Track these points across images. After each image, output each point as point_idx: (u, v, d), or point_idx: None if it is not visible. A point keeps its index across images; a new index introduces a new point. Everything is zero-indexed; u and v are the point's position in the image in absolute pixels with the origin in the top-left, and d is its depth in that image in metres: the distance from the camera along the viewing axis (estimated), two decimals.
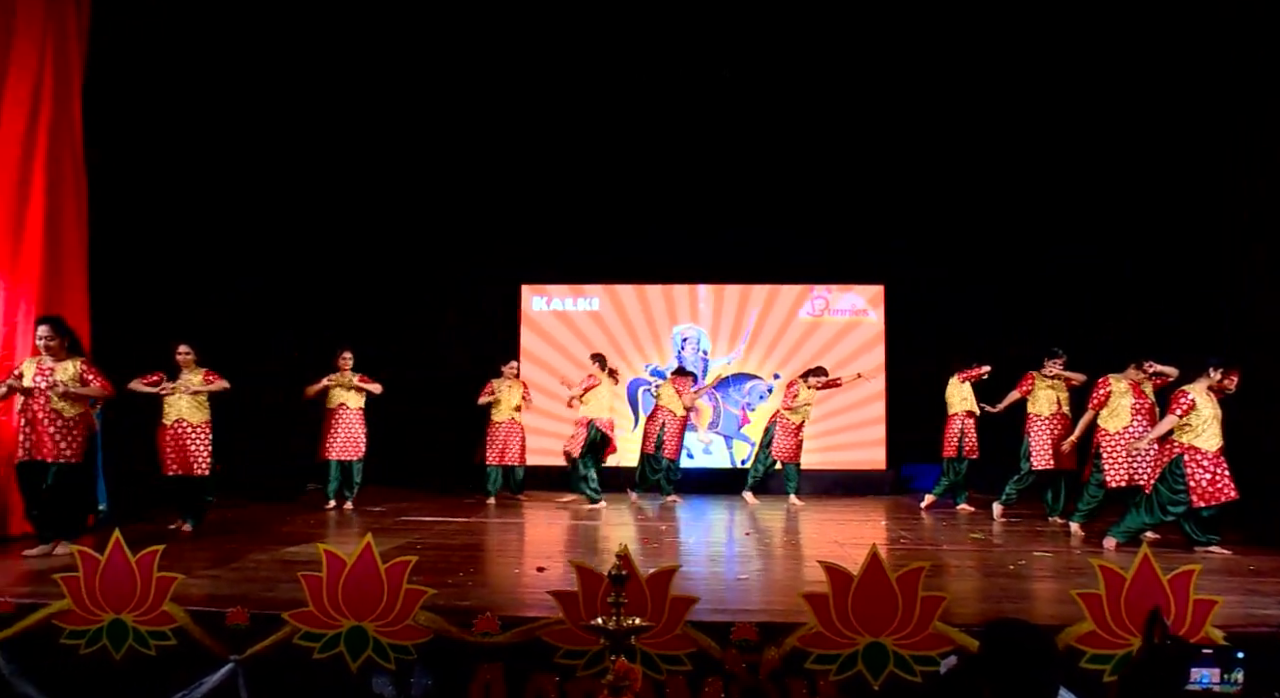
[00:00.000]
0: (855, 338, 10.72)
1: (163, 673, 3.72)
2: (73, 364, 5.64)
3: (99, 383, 5.68)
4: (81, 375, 5.62)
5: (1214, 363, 5.97)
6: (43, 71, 6.48)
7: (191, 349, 6.71)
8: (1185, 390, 5.92)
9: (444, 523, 7.29)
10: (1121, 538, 6.07)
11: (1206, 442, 5.81)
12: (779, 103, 9.43)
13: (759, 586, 4.91)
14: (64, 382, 5.52)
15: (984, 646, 2.23)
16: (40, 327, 5.64)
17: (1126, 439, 6.66)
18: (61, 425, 5.54)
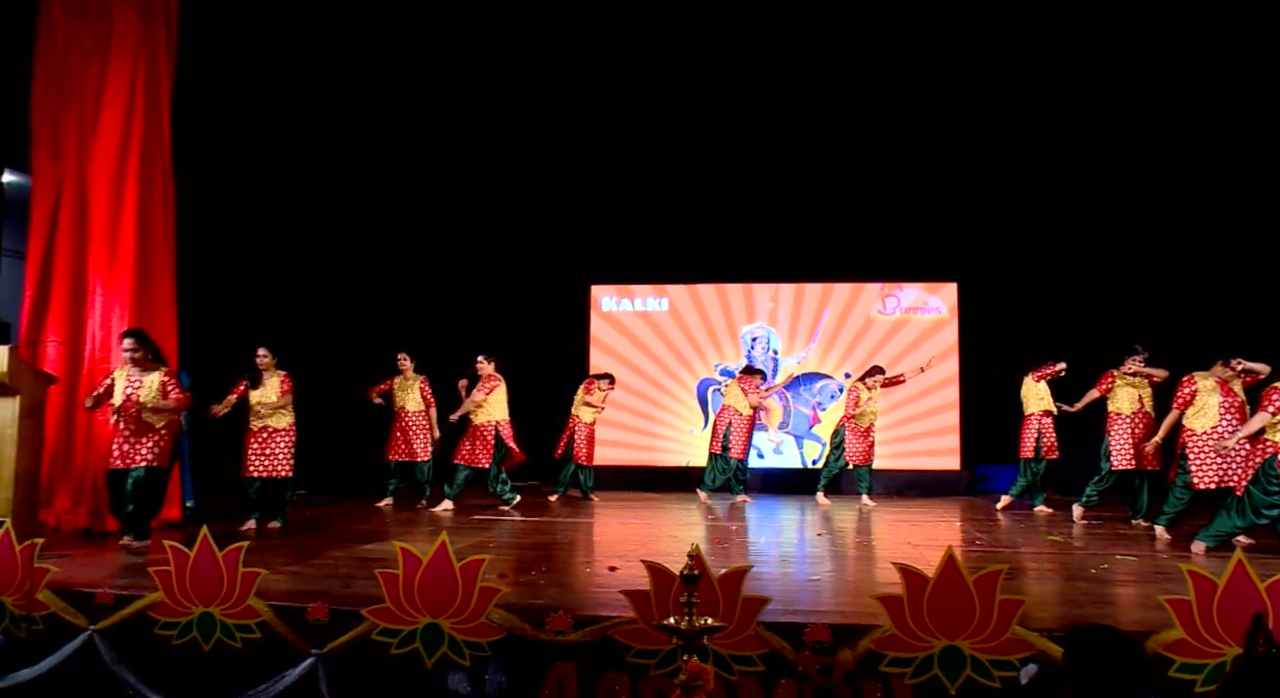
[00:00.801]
0: (927, 336, 10.53)
1: (248, 665, 3.84)
2: (156, 376, 5.85)
3: (175, 396, 5.88)
4: (162, 387, 5.83)
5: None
6: (135, 88, 6.78)
7: (269, 353, 6.91)
8: (1278, 387, 5.67)
9: (515, 522, 7.38)
10: (1211, 542, 5.84)
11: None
12: (852, 98, 9.31)
13: (831, 587, 4.86)
14: (147, 402, 5.76)
15: (1069, 652, 2.17)
16: (125, 339, 5.87)
17: (1215, 439, 6.38)
18: (151, 433, 5.78)
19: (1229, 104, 8.33)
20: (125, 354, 5.82)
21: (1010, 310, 10.03)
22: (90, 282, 6.71)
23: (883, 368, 9.21)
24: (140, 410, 5.78)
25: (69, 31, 6.84)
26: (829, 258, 10.56)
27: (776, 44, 8.70)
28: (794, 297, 10.91)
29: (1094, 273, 9.74)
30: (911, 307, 10.72)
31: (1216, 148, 8.65)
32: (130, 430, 5.79)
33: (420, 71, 8.95)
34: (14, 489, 5.79)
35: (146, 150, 6.79)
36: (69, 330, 6.63)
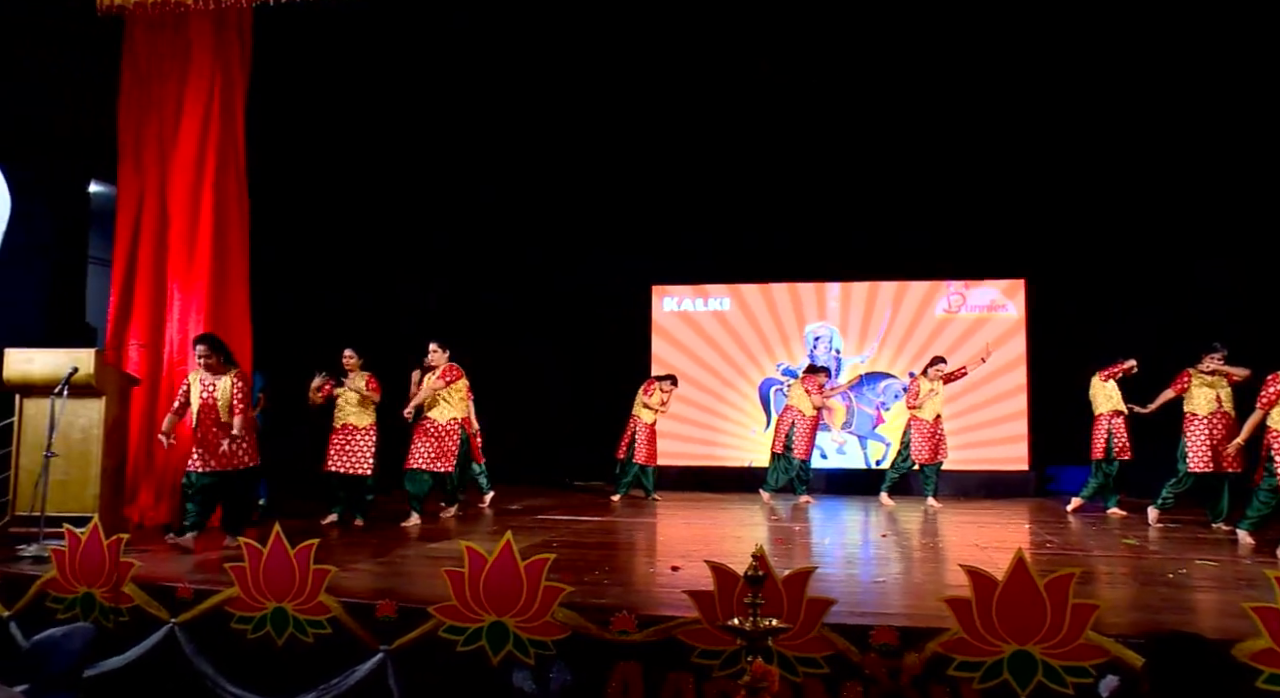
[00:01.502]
0: (993, 333, 10.32)
1: (319, 660, 3.94)
2: (228, 379, 5.94)
3: (240, 407, 5.91)
4: (233, 393, 5.91)
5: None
6: (211, 100, 7.01)
7: (355, 354, 7.08)
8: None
9: (578, 522, 7.43)
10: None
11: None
12: (915, 96, 9.16)
13: (897, 589, 4.80)
14: (220, 408, 5.87)
15: (1152, 661, 2.11)
16: (198, 345, 5.99)
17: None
18: (228, 435, 5.90)
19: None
20: (199, 360, 5.95)
21: (1079, 307, 9.76)
22: (169, 287, 6.95)
23: (944, 358, 9.05)
24: (216, 414, 5.91)
25: (150, 48, 7.11)
26: (893, 256, 10.41)
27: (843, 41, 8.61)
28: (857, 295, 10.79)
29: (1164, 270, 9.42)
30: (977, 304, 10.52)
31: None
32: (208, 434, 5.89)
33: (483, 78, 9.07)
34: (101, 487, 6.04)
35: (222, 159, 7.01)
36: (150, 334, 6.88)
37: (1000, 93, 8.95)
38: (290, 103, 8.39)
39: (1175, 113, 8.67)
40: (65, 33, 7.52)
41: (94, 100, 7.45)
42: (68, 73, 7.79)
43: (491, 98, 9.41)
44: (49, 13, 7.34)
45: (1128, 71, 8.43)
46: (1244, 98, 8.33)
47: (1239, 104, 8.39)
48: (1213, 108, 8.51)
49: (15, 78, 7.63)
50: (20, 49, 7.56)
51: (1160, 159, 9.07)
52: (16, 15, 7.35)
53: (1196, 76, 8.27)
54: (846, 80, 9.09)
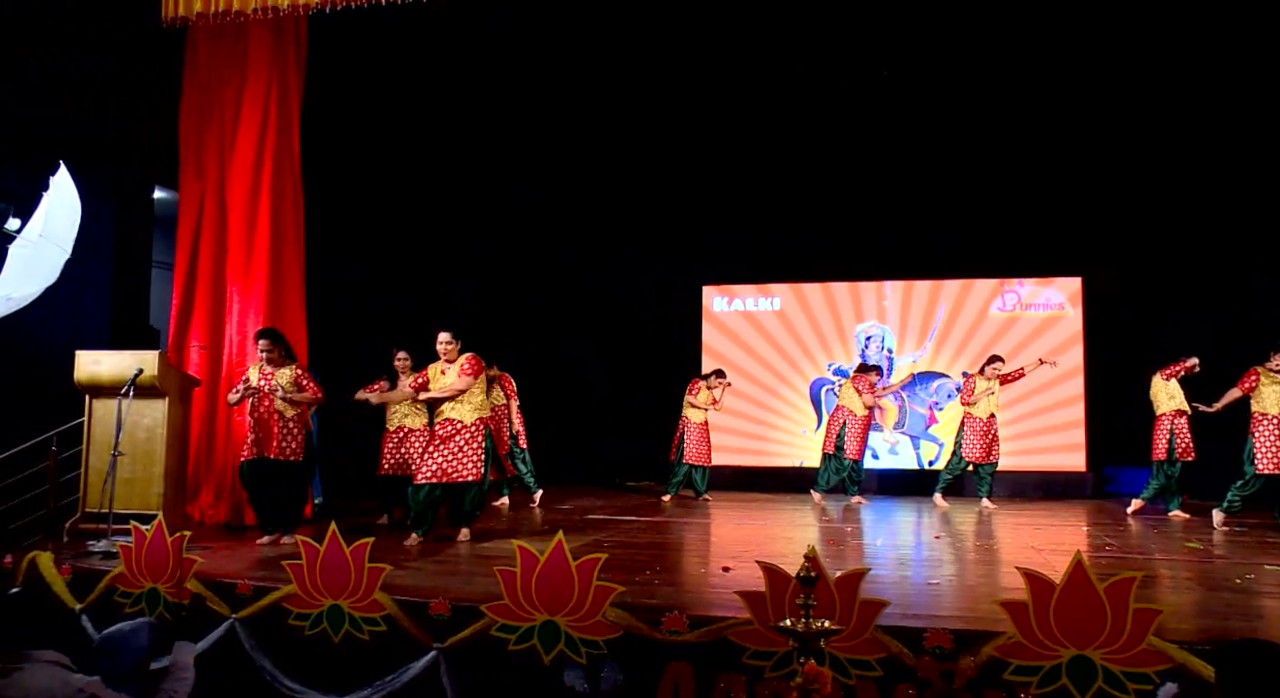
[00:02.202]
0: (1051, 334, 10.14)
1: (374, 657, 4.00)
2: (290, 370, 6.11)
3: (312, 388, 6.14)
4: (297, 380, 6.08)
5: None
6: (269, 106, 7.17)
7: (409, 355, 7.18)
8: None
9: (629, 522, 7.45)
10: None
11: None
12: (970, 93, 9.02)
13: (951, 591, 4.73)
14: (282, 386, 6.01)
15: (1222, 670, 2.05)
16: (260, 340, 6.12)
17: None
18: (283, 425, 6.02)
19: None
20: (261, 354, 6.05)
21: (1137, 306, 9.55)
22: (228, 289, 7.12)
23: (1001, 357, 8.89)
24: (273, 403, 5.99)
25: (211, 57, 7.29)
26: (944, 254, 10.28)
27: (889, 37, 8.50)
28: (908, 294, 10.66)
29: (1223, 270, 9.17)
30: (1031, 302, 10.32)
31: None
32: (264, 422, 5.98)
33: (533, 80, 9.13)
34: (164, 485, 6.21)
35: (278, 164, 7.17)
36: (210, 336, 7.06)
37: (1062, 91, 8.77)
38: (339, 108, 8.54)
39: (1233, 111, 8.42)
40: (129, 43, 7.74)
41: (157, 108, 7.67)
42: (131, 81, 8.01)
43: (542, 100, 9.46)
44: (113, 24, 7.56)
45: (1184, 71, 8.20)
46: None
47: None
48: (1271, 106, 8.24)
49: (82, 86, 7.87)
50: (87, 59, 7.80)
51: (1217, 158, 8.83)
52: (83, 27, 7.58)
53: (1253, 76, 8.02)
54: (897, 79, 8.97)
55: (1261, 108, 8.29)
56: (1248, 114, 8.41)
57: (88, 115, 7.99)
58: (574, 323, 10.87)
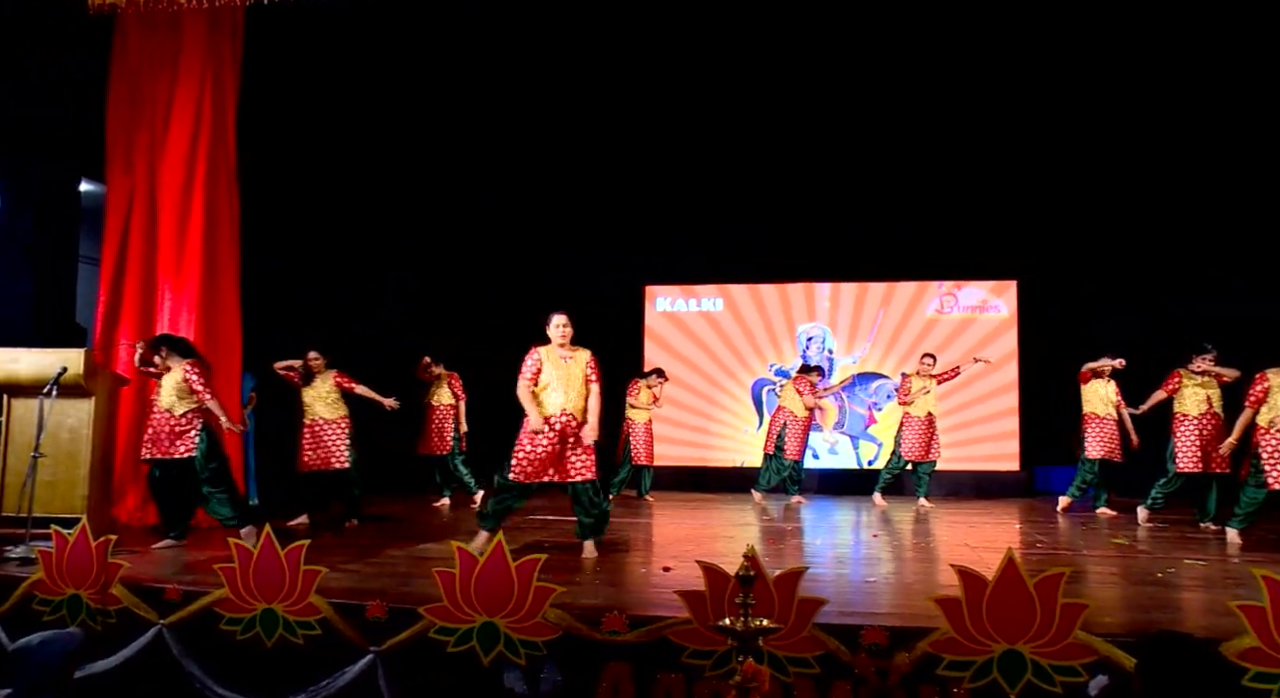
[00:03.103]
0: (987, 335, 10.37)
1: (309, 661, 3.92)
2: (178, 371, 5.93)
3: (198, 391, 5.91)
4: (185, 381, 5.90)
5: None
6: (203, 100, 6.98)
7: (320, 355, 7.08)
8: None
9: (570, 522, 7.40)
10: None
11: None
12: (903, 94, 9.17)
13: (888, 588, 4.81)
14: (170, 393, 5.89)
15: (1143, 661, 2.12)
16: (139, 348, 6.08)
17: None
18: (174, 424, 5.87)
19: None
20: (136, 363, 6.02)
21: (1069, 308, 9.81)
22: (160, 286, 6.93)
23: (934, 356, 9.08)
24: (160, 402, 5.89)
25: (141, 47, 7.08)
26: (885, 257, 10.45)
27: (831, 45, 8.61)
28: (848, 295, 10.81)
29: (1157, 272, 9.46)
30: (970, 306, 10.55)
31: None
32: (154, 423, 5.90)
33: (469, 74, 9.04)
34: (89, 487, 6.01)
35: (213, 159, 6.98)
36: (140, 334, 6.83)
37: (993, 96, 8.97)
38: (281, 101, 8.36)
39: (1164, 112, 8.70)
40: (55, 31, 7.47)
41: (84, 99, 7.40)
42: (57, 71, 7.74)
43: (483, 96, 9.38)
44: (38, 10, 7.29)
45: (1114, 75, 8.45)
46: (1230, 97, 8.35)
47: (1226, 103, 8.42)
48: (1201, 107, 8.54)
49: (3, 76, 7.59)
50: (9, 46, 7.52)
51: (1148, 160, 9.11)
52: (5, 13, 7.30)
53: (1180, 79, 8.29)
54: (839, 82, 9.09)
55: (1187, 110, 8.57)
56: (1174, 117, 8.68)
57: (8, 105, 7.70)
58: (515, 321, 10.78)
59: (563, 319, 5.74)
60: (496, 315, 10.80)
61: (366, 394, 7.17)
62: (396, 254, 10.28)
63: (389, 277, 10.35)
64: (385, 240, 10.08)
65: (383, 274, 10.26)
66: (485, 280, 10.88)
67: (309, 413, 7.04)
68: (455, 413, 8.49)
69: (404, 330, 9.83)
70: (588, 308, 10.88)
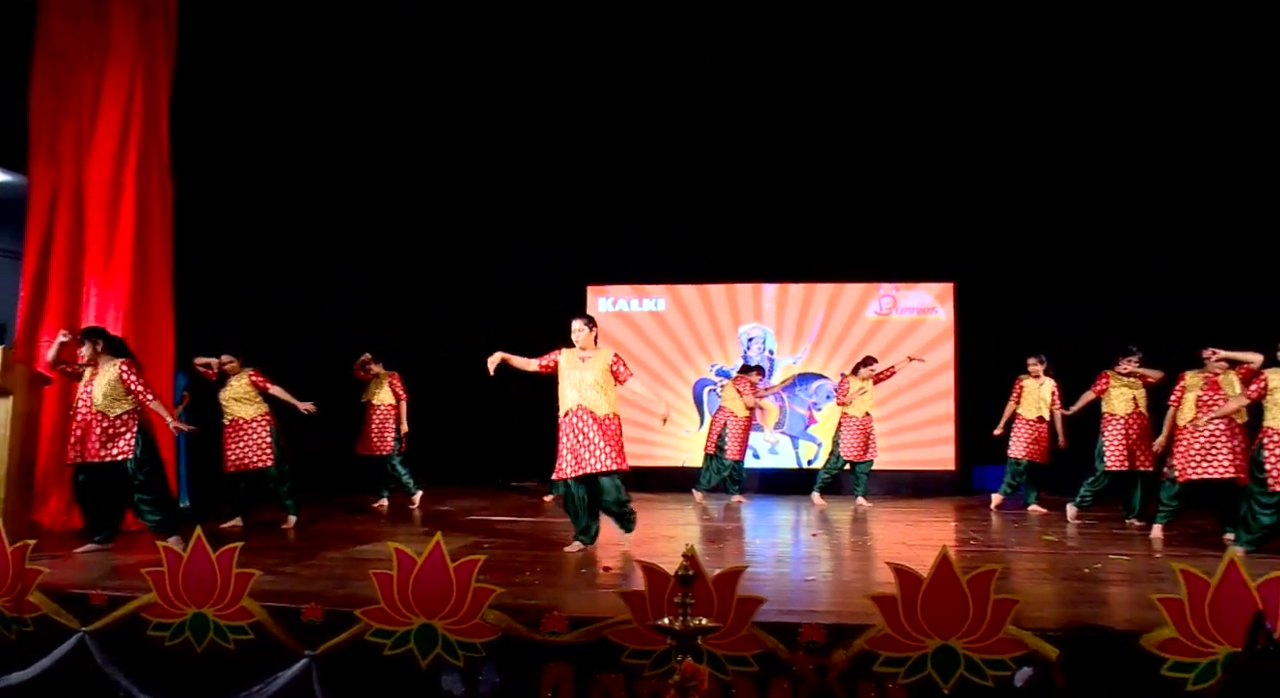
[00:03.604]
0: (924, 336, 10.54)
1: (241, 666, 3.84)
2: (114, 368, 5.76)
3: (135, 392, 5.77)
4: (121, 379, 5.73)
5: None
6: (134, 91, 6.75)
7: (232, 357, 6.93)
8: (1263, 374, 5.86)
9: (511, 522, 7.38)
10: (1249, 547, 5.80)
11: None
12: (844, 99, 9.29)
13: (826, 587, 4.87)
14: (102, 393, 5.70)
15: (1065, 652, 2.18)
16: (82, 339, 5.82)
17: (1189, 432, 6.52)
18: (107, 426, 5.70)
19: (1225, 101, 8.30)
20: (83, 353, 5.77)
21: (1004, 309, 10.03)
22: (86, 283, 6.71)
23: (875, 359, 9.20)
24: (93, 403, 5.70)
25: (67, 34, 6.83)
26: (826, 258, 10.56)
27: (776, 44, 8.68)
28: (790, 297, 10.91)
29: (1093, 273, 9.71)
30: (906, 306, 10.73)
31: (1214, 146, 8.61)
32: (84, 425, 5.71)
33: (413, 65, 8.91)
34: (6, 490, 5.79)
35: (145, 153, 6.77)
36: None
37: (931, 98, 9.13)
38: (225, 91, 8.15)
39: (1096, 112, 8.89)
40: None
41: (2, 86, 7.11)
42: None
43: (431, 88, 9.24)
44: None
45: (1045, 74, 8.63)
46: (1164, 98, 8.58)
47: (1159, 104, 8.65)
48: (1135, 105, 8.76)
49: None
50: None
51: (1082, 161, 9.32)
52: None
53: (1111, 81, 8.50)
54: (782, 86, 9.17)
55: (1123, 107, 8.77)
56: (1111, 114, 8.88)
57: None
58: (455, 320, 10.69)
59: (576, 324, 5.98)
60: (445, 310, 10.71)
61: (281, 396, 6.97)
62: (345, 248, 10.09)
63: (337, 271, 10.15)
64: (333, 234, 9.88)
65: (331, 268, 10.06)
66: (434, 275, 10.76)
67: (227, 413, 6.90)
68: (397, 413, 8.37)
69: (352, 324, 9.64)
70: (528, 309, 10.91)
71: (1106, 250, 9.62)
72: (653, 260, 10.86)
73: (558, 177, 10.30)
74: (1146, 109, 8.73)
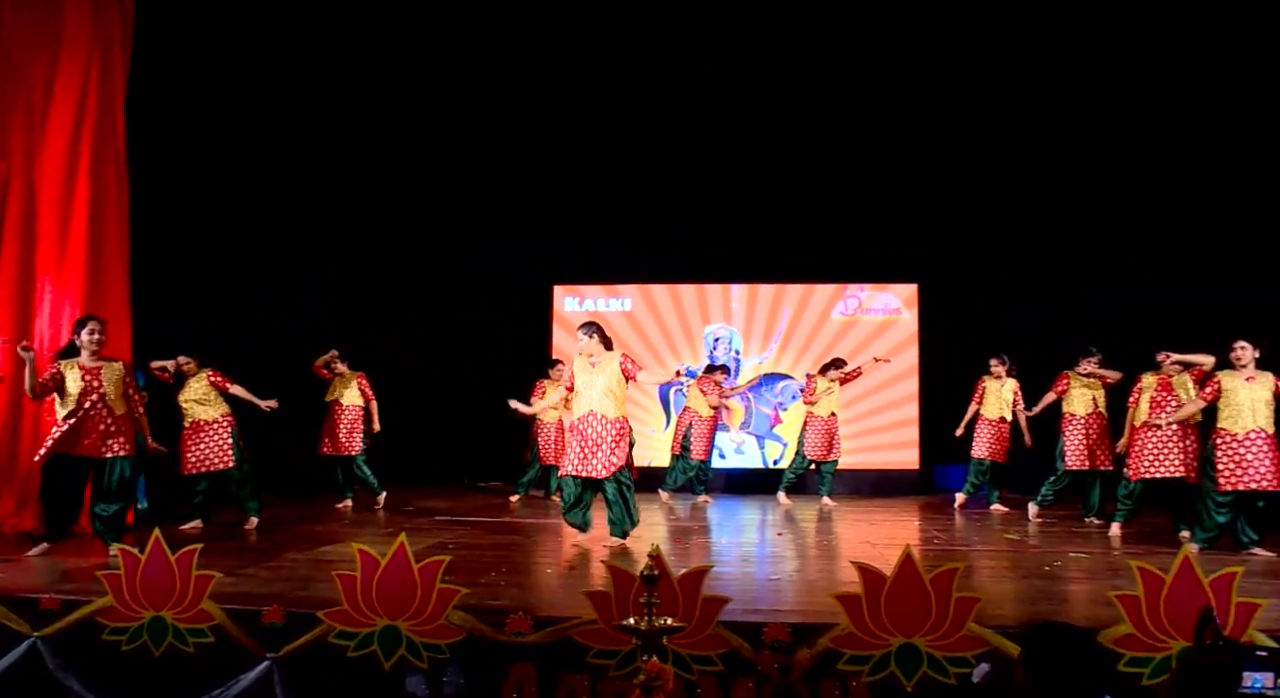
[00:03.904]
0: (889, 338, 10.63)
1: (201, 670, 3.78)
2: (119, 365, 5.69)
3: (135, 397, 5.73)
4: (125, 382, 5.67)
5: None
6: (88, 84, 6.59)
7: (191, 359, 6.82)
8: (1215, 377, 6.02)
9: (476, 522, 7.33)
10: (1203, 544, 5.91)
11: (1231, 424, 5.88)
12: (815, 101, 9.34)
13: (791, 586, 4.89)
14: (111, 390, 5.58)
15: (1025, 649, 2.21)
16: (89, 326, 5.63)
17: (1143, 432, 6.68)
18: (109, 423, 5.57)
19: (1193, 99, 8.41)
20: (92, 340, 5.57)
21: (967, 310, 10.14)
22: (39, 280, 6.55)
23: (844, 361, 9.27)
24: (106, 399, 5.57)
25: (16, 24, 6.65)
26: (791, 258, 10.60)
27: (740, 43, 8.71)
28: (756, 297, 10.96)
29: (1055, 273, 9.82)
30: (872, 308, 10.82)
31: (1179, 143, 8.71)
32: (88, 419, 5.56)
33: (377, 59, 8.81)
34: None
35: (99, 147, 6.62)
36: (15, 329, 6.45)
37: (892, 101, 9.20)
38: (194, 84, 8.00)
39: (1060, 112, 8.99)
40: None
41: None
42: None
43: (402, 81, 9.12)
44: None
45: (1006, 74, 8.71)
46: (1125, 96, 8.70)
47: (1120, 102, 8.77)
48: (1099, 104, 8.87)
49: None
50: None
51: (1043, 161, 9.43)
52: None
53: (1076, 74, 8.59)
54: (748, 86, 9.19)
55: (1088, 106, 8.87)
56: (1075, 114, 8.97)
57: None
58: (422, 320, 10.61)
59: (579, 333, 6.33)
60: (418, 308, 10.62)
61: (242, 395, 6.87)
62: (317, 242, 9.95)
63: (310, 266, 10.01)
64: (306, 228, 9.75)
65: (303, 263, 9.92)
66: (407, 269, 10.67)
67: (188, 416, 6.79)
68: (367, 414, 8.31)
69: (324, 320, 9.51)
70: (496, 308, 10.86)
71: (1069, 250, 9.72)
72: (619, 260, 10.85)
73: (527, 175, 10.26)
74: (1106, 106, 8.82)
